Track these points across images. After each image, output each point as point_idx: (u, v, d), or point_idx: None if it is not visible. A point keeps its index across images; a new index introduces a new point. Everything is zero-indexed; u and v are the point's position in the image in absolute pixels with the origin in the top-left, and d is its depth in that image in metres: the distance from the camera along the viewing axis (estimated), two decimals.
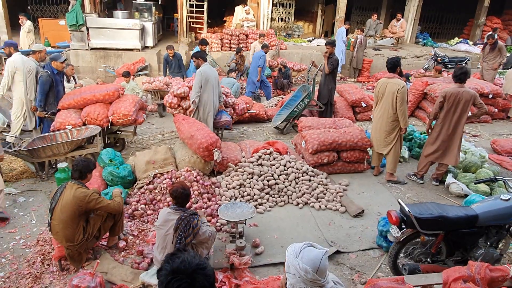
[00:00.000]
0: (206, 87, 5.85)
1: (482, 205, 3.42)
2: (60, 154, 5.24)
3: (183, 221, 3.23)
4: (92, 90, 6.13)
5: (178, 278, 1.49)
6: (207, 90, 5.88)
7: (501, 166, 6.18)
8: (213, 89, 5.94)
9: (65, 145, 5.20)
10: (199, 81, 5.78)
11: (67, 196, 3.46)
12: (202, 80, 5.78)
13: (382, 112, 5.31)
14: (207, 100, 5.93)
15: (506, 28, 15.86)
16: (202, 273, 1.52)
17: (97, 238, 3.75)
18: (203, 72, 5.80)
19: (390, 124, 5.26)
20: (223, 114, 6.41)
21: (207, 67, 5.93)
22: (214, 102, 6.03)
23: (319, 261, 1.89)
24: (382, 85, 5.28)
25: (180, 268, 1.51)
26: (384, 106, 5.26)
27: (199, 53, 6.11)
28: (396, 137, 5.31)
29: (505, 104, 8.67)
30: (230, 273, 3.59)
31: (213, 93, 5.96)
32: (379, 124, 5.41)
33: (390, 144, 5.35)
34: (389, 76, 5.26)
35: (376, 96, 5.43)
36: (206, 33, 12.94)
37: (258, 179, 5.07)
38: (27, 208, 4.75)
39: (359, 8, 18.06)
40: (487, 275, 2.69)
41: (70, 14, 10.28)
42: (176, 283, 1.48)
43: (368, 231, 4.41)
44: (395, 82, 5.12)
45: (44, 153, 5.13)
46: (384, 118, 5.29)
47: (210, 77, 5.84)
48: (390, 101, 5.16)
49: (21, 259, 3.82)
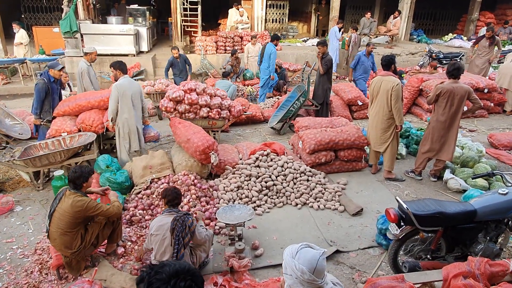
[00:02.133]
0: (123, 102, 5.34)
1: (480, 200, 3.42)
2: (56, 162, 5.21)
3: (178, 221, 3.23)
4: (87, 96, 6.10)
5: (182, 278, 1.49)
6: (125, 106, 5.36)
7: (499, 160, 6.18)
8: (133, 103, 5.43)
9: (62, 153, 5.17)
10: (115, 97, 5.29)
11: (65, 204, 3.43)
12: (117, 95, 5.29)
13: (377, 110, 5.32)
14: (127, 116, 5.41)
15: (500, 22, 15.92)
16: (198, 273, 1.57)
17: (95, 246, 3.71)
18: (119, 86, 5.30)
19: (386, 122, 5.27)
20: (149, 129, 6.09)
21: (125, 80, 5.40)
22: (136, 118, 5.52)
23: (316, 262, 1.87)
24: (377, 83, 5.28)
25: (178, 270, 1.51)
26: (379, 104, 5.27)
27: (118, 64, 5.44)
28: (392, 134, 5.31)
29: (500, 98, 8.69)
30: (230, 276, 3.56)
31: (134, 108, 5.46)
32: (375, 122, 5.41)
33: (386, 141, 5.35)
34: (384, 74, 5.27)
35: (371, 94, 5.44)
36: (201, 36, 12.94)
37: (256, 181, 5.05)
38: (24, 217, 4.72)
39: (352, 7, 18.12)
40: (487, 270, 2.68)
41: (64, 21, 10.25)
42: (181, 282, 1.48)
43: (367, 230, 4.40)
44: (390, 80, 5.13)
45: (39, 162, 5.10)
46: (379, 116, 5.29)
47: (127, 91, 5.32)
48: (385, 99, 5.16)
49: (19, 269, 3.78)
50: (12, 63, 11.10)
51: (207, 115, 6.50)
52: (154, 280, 1.48)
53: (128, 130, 5.50)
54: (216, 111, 6.56)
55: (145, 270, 1.55)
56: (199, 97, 6.39)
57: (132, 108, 5.43)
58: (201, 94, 6.47)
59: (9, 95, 10.52)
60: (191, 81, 7.54)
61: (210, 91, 6.58)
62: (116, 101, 5.32)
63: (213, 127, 6.68)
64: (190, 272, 1.52)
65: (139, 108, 5.62)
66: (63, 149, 5.20)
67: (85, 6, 12.18)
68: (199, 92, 6.46)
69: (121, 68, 5.42)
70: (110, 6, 15.83)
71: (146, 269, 1.55)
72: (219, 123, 6.65)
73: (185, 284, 1.48)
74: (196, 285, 1.51)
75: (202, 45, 12.12)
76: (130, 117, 5.44)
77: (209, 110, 6.50)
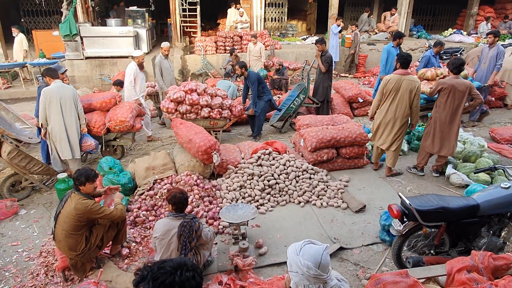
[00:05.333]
0: (51, 107, 5.18)
1: (483, 194, 3.42)
2: None
3: (185, 227, 3.22)
4: (89, 98, 6.18)
5: (185, 269, 1.53)
6: (52, 111, 5.20)
7: (501, 154, 6.18)
8: (64, 111, 5.25)
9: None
10: (43, 103, 5.19)
11: (69, 207, 3.46)
12: (45, 101, 5.16)
13: (395, 109, 5.13)
14: (55, 124, 5.25)
15: (499, 16, 15.88)
16: (197, 266, 1.63)
17: (100, 248, 3.73)
18: (46, 91, 5.17)
19: (403, 120, 5.16)
20: (86, 137, 5.66)
21: (55, 86, 5.24)
22: (67, 124, 5.31)
23: (320, 256, 1.90)
24: (396, 82, 5.06)
25: (180, 263, 1.56)
26: (398, 103, 5.09)
27: (45, 71, 5.34)
28: (403, 133, 5.28)
29: (501, 92, 8.67)
30: (234, 275, 3.58)
31: (64, 116, 5.27)
32: (389, 121, 5.22)
33: (398, 140, 5.28)
34: (403, 73, 5.09)
35: (386, 92, 5.17)
36: (200, 37, 12.95)
37: (259, 180, 5.07)
38: (28, 220, 4.75)
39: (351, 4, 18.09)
40: (490, 264, 2.69)
41: (64, 25, 10.29)
42: (187, 273, 1.52)
43: (370, 226, 4.41)
44: (413, 79, 5.02)
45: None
46: (399, 115, 5.13)
47: (54, 97, 5.16)
48: (407, 99, 5.04)
49: (24, 272, 3.81)
50: (12, 67, 11.13)
51: (208, 115, 6.52)
52: (159, 275, 1.50)
53: (56, 137, 5.32)
54: (217, 111, 6.57)
55: (144, 269, 1.55)
56: (200, 98, 6.41)
57: (61, 114, 5.25)
58: (202, 95, 6.49)
59: (11, 99, 10.55)
60: (191, 81, 7.55)
61: (210, 91, 6.60)
62: (43, 106, 5.21)
63: (215, 127, 6.70)
64: (191, 265, 1.57)
65: (72, 115, 5.35)
66: None
67: (84, 9, 12.21)
68: (200, 92, 6.48)
69: (49, 74, 5.33)
70: (109, 8, 15.85)
71: (144, 269, 1.55)
72: (220, 123, 6.67)
73: (190, 274, 1.52)
74: (198, 276, 1.56)
75: (202, 45, 12.13)
76: (57, 123, 5.27)
77: (210, 110, 6.52)
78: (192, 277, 1.52)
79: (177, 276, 1.49)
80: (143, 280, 1.51)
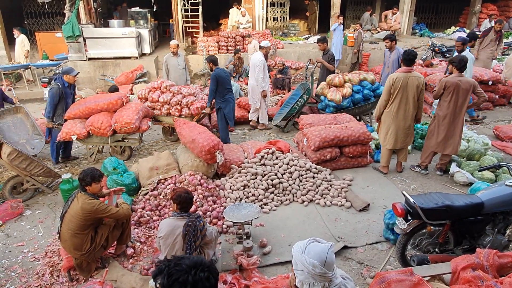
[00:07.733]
0: None
1: (487, 192, 3.41)
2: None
3: (190, 227, 3.23)
4: (96, 99, 6.24)
5: (201, 269, 1.54)
6: None
7: (505, 152, 6.15)
8: None
9: None
10: None
11: (76, 206, 3.48)
12: None
13: (405, 107, 5.13)
14: None
15: (502, 14, 15.79)
16: (214, 266, 1.63)
17: (105, 248, 3.75)
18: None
19: (412, 116, 5.24)
20: None
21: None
22: None
23: (325, 255, 1.91)
24: (403, 80, 5.03)
25: (197, 262, 1.57)
26: (405, 101, 5.10)
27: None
28: (412, 127, 5.40)
29: (505, 90, 8.63)
30: (239, 274, 3.59)
31: None
32: (402, 121, 5.20)
33: (411, 136, 5.41)
34: (407, 70, 5.10)
35: (393, 91, 5.12)
36: (203, 37, 12.96)
37: (262, 179, 5.07)
38: (33, 221, 4.77)
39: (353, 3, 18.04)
40: (495, 261, 2.68)
41: (66, 26, 10.33)
42: (201, 273, 1.53)
43: (374, 225, 4.40)
44: (418, 76, 5.09)
45: None
46: (409, 112, 5.17)
47: None
48: (413, 95, 5.08)
49: (30, 272, 3.84)
50: (16, 69, 11.19)
51: (167, 112, 6.67)
52: (174, 271, 1.52)
53: None
54: (176, 108, 6.65)
55: (162, 263, 1.59)
56: (162, 95, 6.61)
57: None
58: (165, 92, 6.70)
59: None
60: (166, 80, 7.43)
61: (173, 89, 6.72)
62: None
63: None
64: (208, 264, 1.58)
65: None
66: None
67: (87, 10, 12.25)
68: (163, 90, 6.71)
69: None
70: (111, 9, 15.89)
71: (163, 262, 1.59)
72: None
73: (204, 275, 1.53)
74: (213, 277, 1.57)
75: (204, 45, 12.15)
76: None
77: (168, 107, 6.65)
78: (207, 278, 1.53)
79: (191, 275, 1.51)
80: (160, 273, 1.55)
